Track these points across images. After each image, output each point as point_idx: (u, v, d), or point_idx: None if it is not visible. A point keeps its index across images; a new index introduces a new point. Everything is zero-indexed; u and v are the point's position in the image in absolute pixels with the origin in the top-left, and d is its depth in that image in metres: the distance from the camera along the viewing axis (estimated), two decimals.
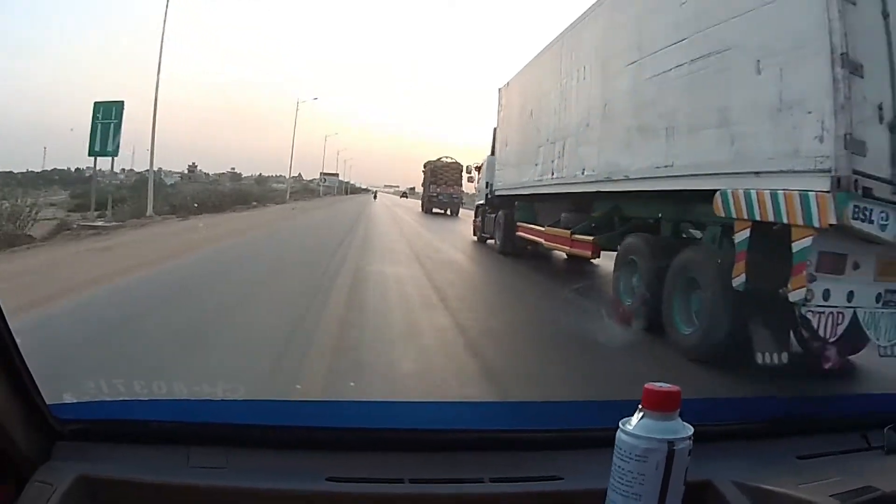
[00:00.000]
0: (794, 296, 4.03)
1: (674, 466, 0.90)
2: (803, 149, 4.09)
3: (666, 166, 5.75)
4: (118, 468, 1.01)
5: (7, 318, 0.89)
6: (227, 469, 1.04)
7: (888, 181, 3.98)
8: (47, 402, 1.03)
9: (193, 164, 54.51)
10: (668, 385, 0.92)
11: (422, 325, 5.81)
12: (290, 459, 1.07)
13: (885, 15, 4.09)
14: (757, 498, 1.02)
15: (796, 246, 4.06)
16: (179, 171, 52.47)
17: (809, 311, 4.02)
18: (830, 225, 3.83)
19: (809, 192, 3.96)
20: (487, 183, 13.69)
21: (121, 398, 1.62)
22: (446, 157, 29.87)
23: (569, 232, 8.38)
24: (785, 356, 4.27)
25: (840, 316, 4.15)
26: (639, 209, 7.01)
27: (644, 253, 6.06)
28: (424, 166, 30.96)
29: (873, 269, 4.25)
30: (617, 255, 6.71)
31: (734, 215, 4.61)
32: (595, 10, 8.09)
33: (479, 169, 15.73)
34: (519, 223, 11.32)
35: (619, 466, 0.91)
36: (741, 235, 4.56)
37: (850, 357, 4.79)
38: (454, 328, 5.65)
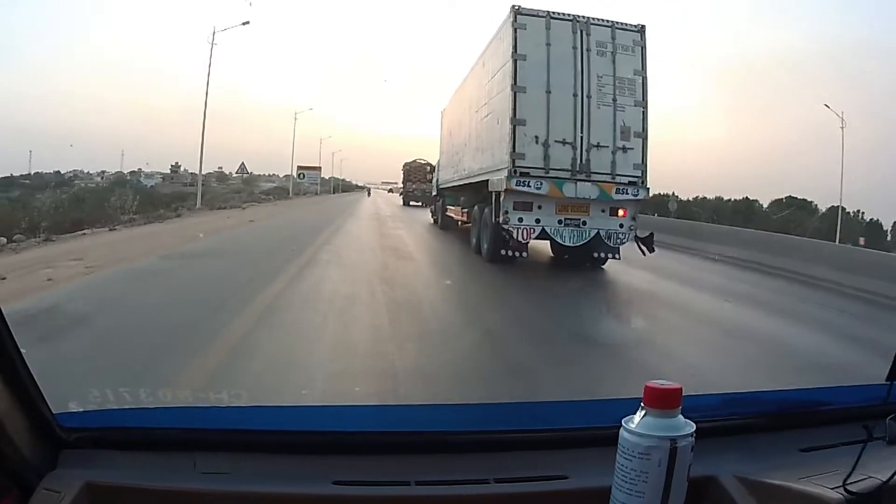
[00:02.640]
0: (501, 221, 9.43)
1: (676, 463, 0.92)
2: (504, 160, 9.49)
3: (481, 169, 11.20)
4: (124, 475, 1.04)
5: (12, 329, 0.90)
6: (233, 474, 1.07)
7: (541, 168, 9.36)
8: (53, 412, 1.05)
9: (176, 163, 50.15)
10: (670, 382, 0.94)
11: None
12: (295, 464, 1.10)
13: (548, 92, 9.46)
14: (760, 492, 1.04)
15: (501, 199, 9.46)
16: (164, 171, 48.49)
17: (509, 228, 9.39)
18: (506, 190, 9.22)
19: (502, 177, 9.37)
20: (438, 179, 19.14)
21: (126, 406, 1.62)
22: (420, 159, 35.53)
23: (460, 208, 13.86)
24: (521, 254, 9.69)
25: (532, 229, 9.50)
26: (480, 192, 12.34)
27: (477, 214, 11.51)
28: (403, 166, 37.03)
29: (554, 208, 9.58)
30: (472, 217, 12.14)
31: (492, 190, 10.00)
32: (470, 72, 13.52)
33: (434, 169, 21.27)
34: (447, 206, 16.79)
35: (622, 465, 0.94)
36: (493, 199, 9.95)
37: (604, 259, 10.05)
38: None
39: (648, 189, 9.86)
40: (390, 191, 73.63)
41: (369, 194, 60.96)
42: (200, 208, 23.75)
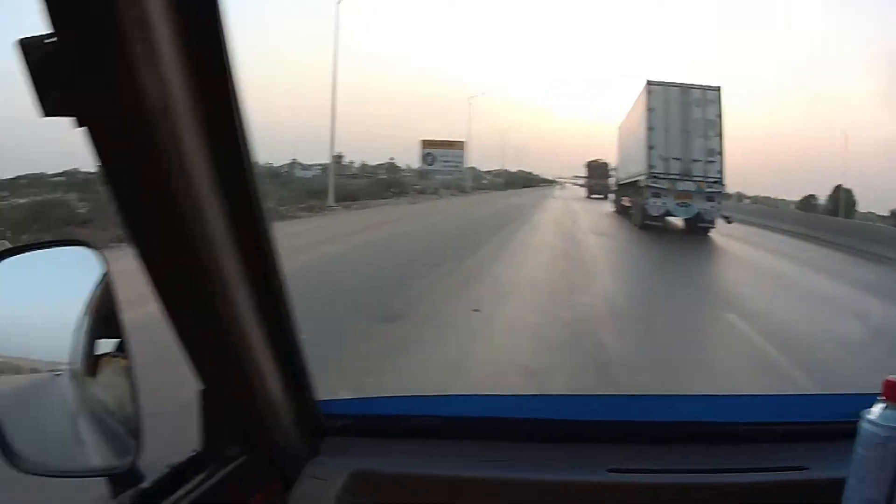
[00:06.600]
0: (643, 203, 17.23)
1: None
2: (643, 168, 17.24)
3: (636, 173, 18.90)
4: (392, 463, 1.06)
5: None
6: (508, 462, 1.08)
7: (663, 173, 16.99)
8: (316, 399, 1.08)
9: (339, 154, 44.77)
10: None
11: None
12: (569, 452, 1.12)
13: (666, 130, 17.16)
14: None
15: (643, 191, 17.24)
16: (321, 162, 39.21)
17: (647, 207, 17.08)
18: (646, 185, 16.98)
19: (644, 178, 17.16)
20: (616, 179, 26.74)
21: (390, 395, 1.56)
22: (600, 159, 42.33)
23: (627, 197, 21.55)
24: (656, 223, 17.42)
25: (661, 207, 17.12)
26: (636, 188, 19.71)
27: (635, 199, 19.19)
28: (586, 164, 44.67)
29: (673, 196, 17.09)
30: (632, 202, 19.85)
31: (640, 185, 17.73)
32: (631, 107, 21.14)
33: (614, 169, 28.83)
34: (621, 198, 24.38)
35: (861, 454, 0.96)
36: (640, 191, 17.67)
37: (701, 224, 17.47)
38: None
39: (725, 185, 17.05)
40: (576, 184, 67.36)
41: (563, 188, 56.56)
42: None
